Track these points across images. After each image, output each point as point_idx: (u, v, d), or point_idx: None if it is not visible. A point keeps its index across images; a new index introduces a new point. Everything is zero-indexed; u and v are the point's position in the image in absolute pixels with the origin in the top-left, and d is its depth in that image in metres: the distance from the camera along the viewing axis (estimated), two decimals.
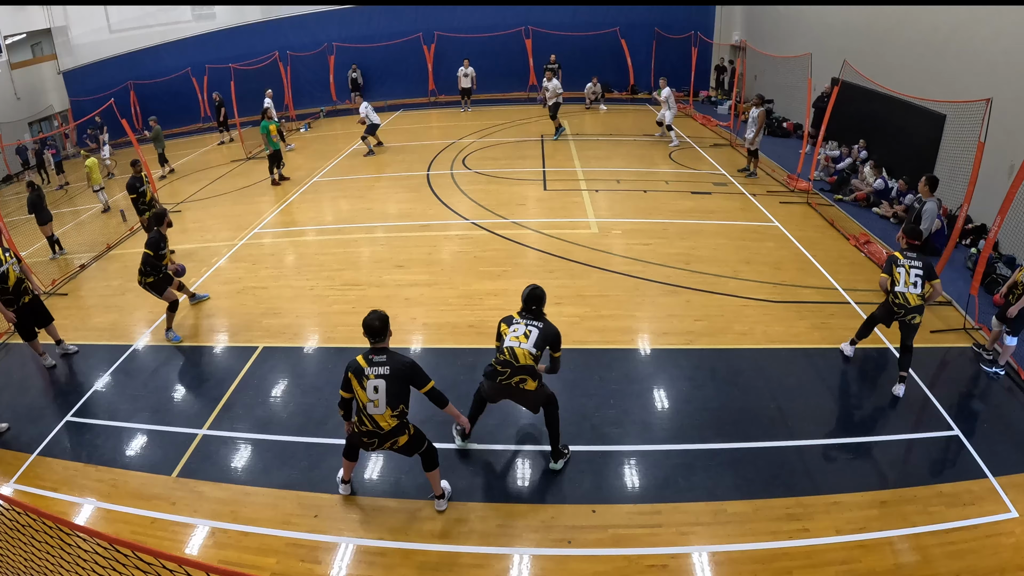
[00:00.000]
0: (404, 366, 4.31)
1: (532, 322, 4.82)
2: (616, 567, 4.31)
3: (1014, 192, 6.49)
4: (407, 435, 4.48)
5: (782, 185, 12.04)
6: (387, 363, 4.28)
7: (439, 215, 10.93)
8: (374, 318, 4.34)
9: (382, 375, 4.25)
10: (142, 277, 7.45)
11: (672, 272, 8.42)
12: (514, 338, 4.76)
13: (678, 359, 6.61)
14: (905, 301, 5.75)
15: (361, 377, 4.28)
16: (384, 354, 4.34)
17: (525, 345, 4.72)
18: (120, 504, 5.06)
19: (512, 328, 4.81)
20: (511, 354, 4.72)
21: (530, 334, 4.75)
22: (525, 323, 4.80)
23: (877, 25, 12.05)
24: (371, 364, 4.28)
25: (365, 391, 4.27)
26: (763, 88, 16.70)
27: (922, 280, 5.75)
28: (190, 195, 13.61)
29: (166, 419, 6.11)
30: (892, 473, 5.05)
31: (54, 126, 21.54)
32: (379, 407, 4.28)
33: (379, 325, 4.33)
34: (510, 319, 4.90)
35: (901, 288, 5.78)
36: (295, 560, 4.47)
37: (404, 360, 4.35)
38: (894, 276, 5.83)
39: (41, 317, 7.19)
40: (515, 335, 4.76)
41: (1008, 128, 7.88)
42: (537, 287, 4.89)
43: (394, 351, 4.43)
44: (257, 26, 21.80)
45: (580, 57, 20.57)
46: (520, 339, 4.74)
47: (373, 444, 4.47)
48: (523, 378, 4.76)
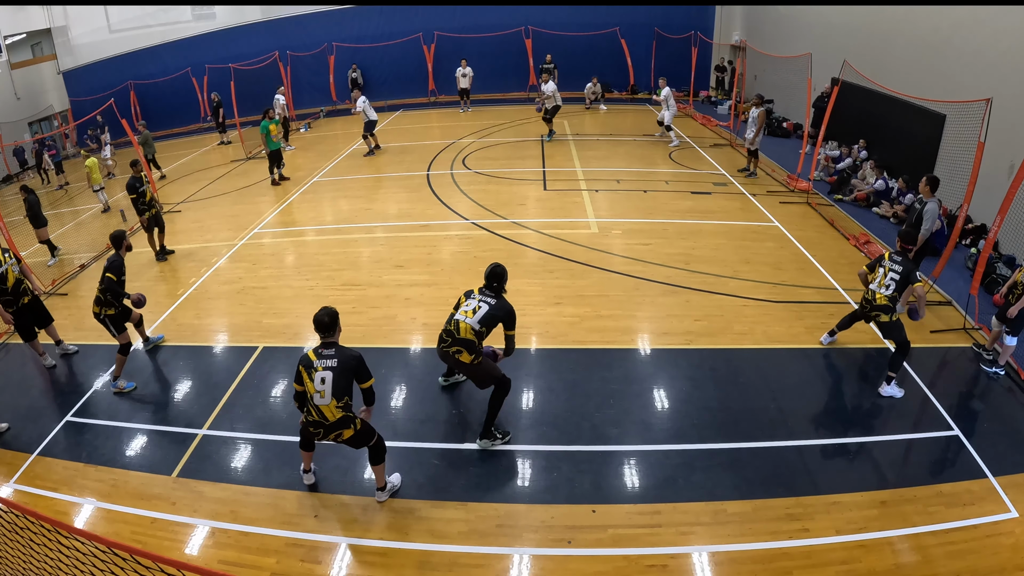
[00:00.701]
0: (351, 359, 4.53)
1: (486, 298, 5.12)
2: (616, 567, 4.31)
3: (1014, 192, 6.49)
4: (353, 429, 4.63)
5: (782, 185, 12.04)
6: (335, 356, 4.53)
7: (439, 215, 10.93)
8: (324, 314, 4.58)
9: (329, 367, 4.48)
10: (101, 308, 6.46)
11: (672, 272, 8.42)
12: (463, 312, 5.12)
13: (678, 359, 6.60)
14: (872, 298, 5.94)
15: (310, 369, 4.51)
16: (333, 348, 4.58)
17: (470, 320, 5.06)
18: (120, 504, 5.06)
19: (467, 301, 5.16)
20: (455, 325, 5.08)
21: (479, 310, 5.07)
22: (479, 298, 5.13)
23: (877, 25, 12.05)
24: (320, 357, 4.53)
25: (313, 382, 4.50)
26: (763, 88, 16.70)
27: (896, 283, 5.82)
28: (190, 195, 13.61)
29: (166, 419, 6.11)
30: (892, 473, 5.05)
31: (54, 126, 21.54)
32: (325, 398, 4.49)
33: (328, 321, 4.58)
34: (470, 292, 5.26)
35: (874, 286, 5.96)
36: (295, 560, 4.47)
37: (352, 354, 4.56)
38: (874, 273, 6.04)
39: (41, 317, 7.19)
40: (466, 309, 5.10)
41: (1008, 128, 7.87)
42: (499, 265, 5.22)
43: (342, 346, 4.63)
44: (257, 26, 21.80)
45: (580, 57, 20.57)
46: (467, 314, 5.09)
47: (319, 434, 4.67)
48: (459, 349, 5.08)
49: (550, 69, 19.50)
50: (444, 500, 4.92)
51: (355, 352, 4.58)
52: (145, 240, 10.10)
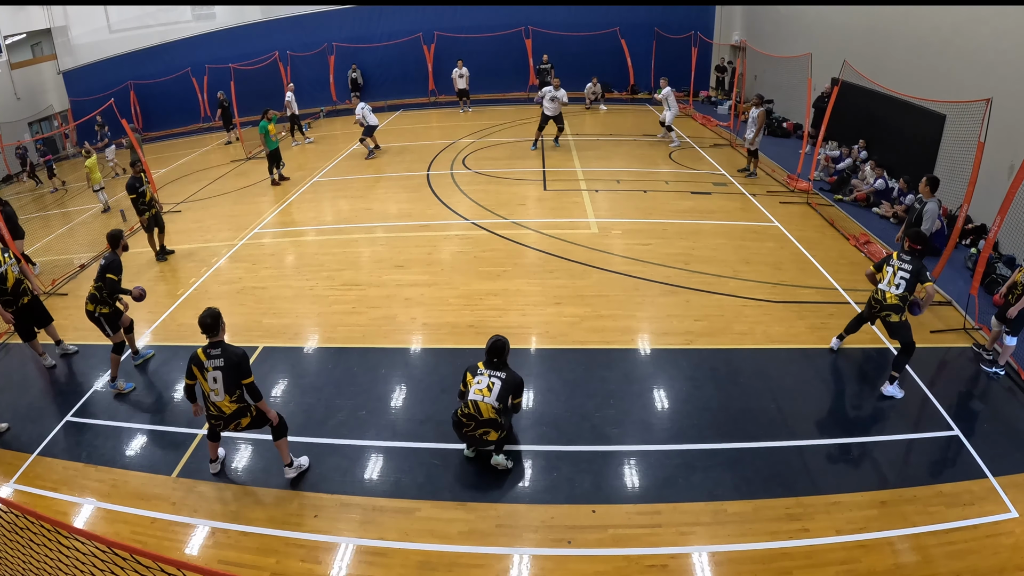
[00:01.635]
0: (235, 356, 4.74)
1: (495, 373, 4.99)
2: (616, 567, 4.31)
3: (1014, 192, 6.49)
4: (249, 417, 4.92)
5: (782, 185, 12.03)
6: (221, 356, 4.74)
7: (439, 215, 10.94)
8: (206, 315, 4.77)
9: (218, 367, 4.72)
10: (96, 306, 6.41)
11: (672, 272, 8.42)
12: (477, 391, 4.95)
13: (678, 359, 6.61)
14: (882, 297, 5.89)
15: (202, 369, 4.75)
16: (219, 347, 4.77)
17: (488, 399, 4.91)
18: (120, 504, 5.06)
19: (476, 380, 4.98)
20: (475, 408, 4.93)
21: (493, 386, 4.94)
22: (489, 374, 4.98)
23: (877, 25, 12.04)
24: (209, 357, 4.74)
25: (207, 381, 4.76)
26: (763, 88, 16.69)
27: (907, 282, 5.79)
28: (190, 195, 13.61)
29: (166, 419, 6.11)
30: (892, 473, 5.05)
31: (54, 126, 21.54)
32: (219, 395, 4.78)
33: (210, 322, 4.76)
34: (475, 368, 5.06)
35: (883, 286, 5.92)
36: (295, 560, 4.47)
37: (236, 352, 4.76)
38: (881, 273, 5.98)
39: (41, 317, 7.19)
40: (479, 388, 4.94)
41: (1008, 128, 7.87)
42: (500, 338, 5.06)
43: (228, 344, 4.83)
44: (257, 26, 21.79)
45: (580, 57, 20.57)
46: (483, 392, 4.93)
47: (220, 426, 4.98)
48: (486, 430, 4.96)
49: (547, 69, 19.48)
50: (444, 500, 4.92)
51: (239, 350, 4.78)
52: (145, 240, 10.10)
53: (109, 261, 6.43)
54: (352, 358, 6.91)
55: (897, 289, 5.81)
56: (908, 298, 5.83)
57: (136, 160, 10.15)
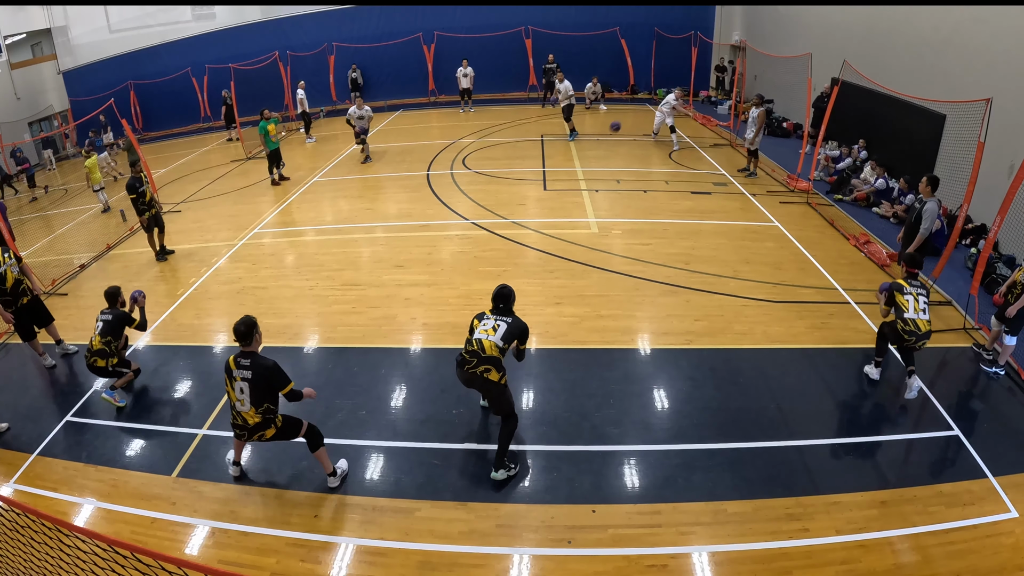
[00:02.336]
0: (266, 369, 4.63)
1: (501, 318, 5.14)
2: (616, 567, 4.31)
3: (1014, 192, 6.49)
4: (274, 428, 4.82)
5: (782, 185, 12.04)
6: (251, 367, 4.63)
7: (439, 215, 10.94)
8: (240, 324, 4.67)
9: (246, 377, 4.62)
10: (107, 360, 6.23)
11: (672, 272, 8.42)
12: (483, 331, 5.08)
13: (678, 359, 6.61)
14: (916, 328, 5.67)
15: (231, 378, 4.69)
16: (249, 358, 4.67)
17: (493, 338, 5.03)
18: (120, 504, 5.06)
19: (483, 323, 5.14)
20: (479, 345, 5.03)
21: (498, 328, 5.07)
22: (495, 318, 5.13)
23: (877, 25, 12.05)
24: (238, 367, 4.65)
25: (234, 391, 4.69)
26: (763, 88, 16.69)
27: (929, 306, 5.74)
28: (190, 195, 13.61)
29: (166, 419, 6.11)
30: (892, 473, 5.05)
31: (54, 126, 21.54)
32: (245, 405, 4.69)
33: (244, 330, 4.66)
34: (482, 315, 5.22)
35: (911, 315, 5.66)
36: (295, 560, 4.47)
37: (266, 364, 4.66)
38: (901, 304, 5.69)
39: (41, 317, 7.19)
40: (484, 328, 5.09)
41: (1008, 128, 7.87)
42: (505, 286, 5.23)
43: (259, 355, 4.72)
44: (257, 26, 21.79)
45: (580, 57, 20.56)
46: (489, 332, 5.06)
47: (243, 436, 4.90)
48: (488, 367, 5.00)
49: (553, 69, 19.49)
50: (444, 500, 4.92)
51: (269, 362, 4.67)
52: (145, 240, 10.10)
53: (116, 317, 6.31)
54: (352, 358, 6.91)
55: (925, 315, 5.73)
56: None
57: (136, 160, 10.16)
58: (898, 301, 5.74)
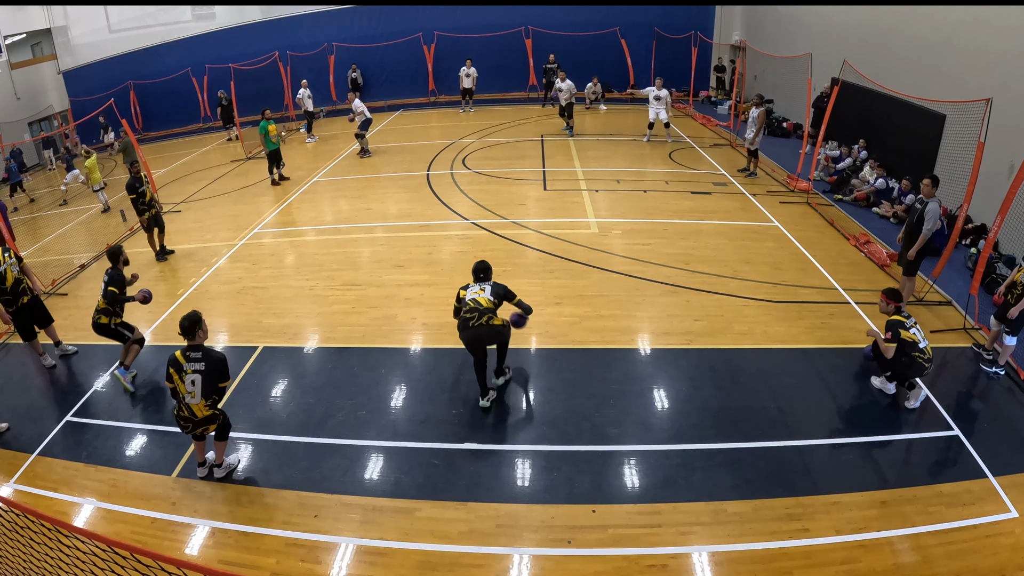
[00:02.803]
0: (219, 362, 4.84)
1: (484, 284, 5.91)
2: (616, 567, 4.31)
3: (1014, 192, 6.49)
4: (217, 424, 5.04)
5: (782, 185, 12.04)
6: (203, 359, 4.81)
7: (439, 215, 10.93)
8: (185, 319, 4.83)
9: (198, 370, 4.78)
10: (111, 318, 6.54)
11: (672, 272, 8.42)
12: (474, 293, 5.83)
13: (678, 359, 6.61)
14: (931, 353, 5.72)
15: (180, 372, 4.80)
16: (200, 351, 4.84)
17: (484, 295, 5.80)
18: (120, 504, 5.07)
19: (469, 290, 5.89)
20: (475, 303, 5.73)
21: (485, 289, 5.84)
22: (479, 286, 5.89)
23: (877, 25, 12.04)
24: (189, 360, 4.81)
25: (184, 383, 4.81)
26: (763, 88, 16.69)
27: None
28: (190, 195, 13.61)
29: (166, 419, 6.11)
30: (892, 473, 5.05)
31: (54, 126, 21.54)
32: (196, 398, 4.83)
33: (188, 325, 4.82)
34: (466, 286, 5.95)
35: (924, 343, 5.68)
36: (295, 560, 4.47)
37: (219, 356, 4.87)
38: (909, 338, 5.62)
39: (41, 317, 7.19)
40: (474, 292, 5.85)
41: (1008, 128, 7.87)
42: (482, 261, 6.00)
43: (209, 348, 4.90)
44: (257, 26, 21.78)
45: (580, 57, 20.54)
46: (478, 292, 5.83)
47: (188, 428, 5.02)
48: (490, 315, 5.72)
49: (554, 69, 19.49)
50: (444, 500, 4.92)
51: (220, 355, 4.88)
52: (145, 240, 10.10)
53: (111, 275, 6.58)
54: (352, 358, 6.91)
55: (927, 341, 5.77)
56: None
57: (135, 160, 10.16)
58: (905, 338, 5.64)
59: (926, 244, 7.10)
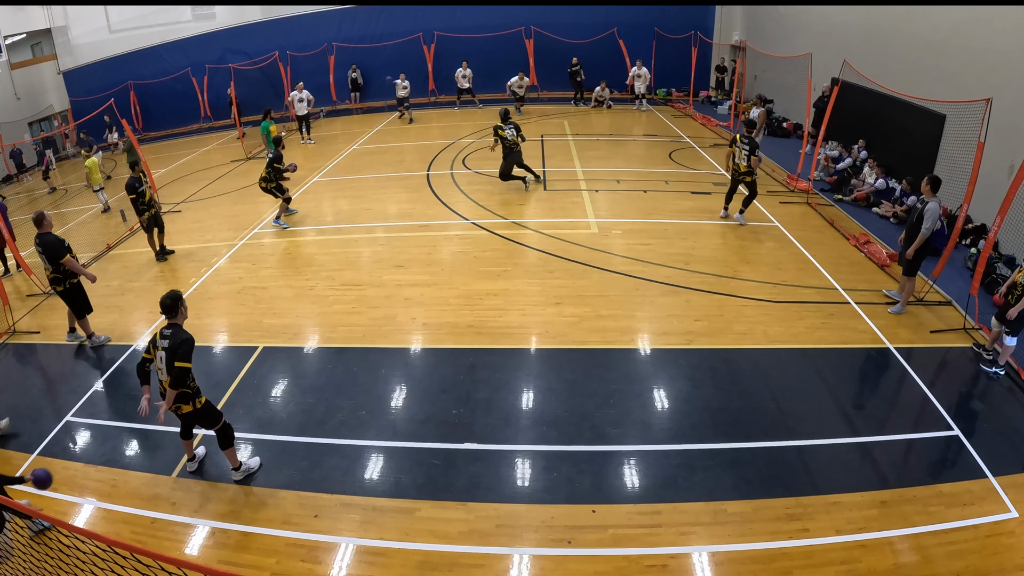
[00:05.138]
0: (181, 342, 4.86)
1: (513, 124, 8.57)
2: (616, 567, 4.31)
3: (1014, 192, 6.49)
4: (192, 406, 4.97)
5: (782, 185, 12.03)
6: (170, 337, 4.88)
7: (439, 215, 10.93)
8: (166, 297, 4.99)
9: (165, 347, 4.88)
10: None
11: (672, 272, 8.42)
12: (510, 131, 8.24)
13: (678, 359, 6.61)
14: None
15: (154, 347, 4.97)
16: (172, 329, 4.93)
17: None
18: (120, 504, 5.07)
19: (507, 129, 7.81)
20: (513, 138, 7.63)
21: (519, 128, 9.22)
22: (513, 125, 7.91)
23: (877, 25, 12.04)
24: (162, 336, 4.94)
25: (156, 359, 4.96)
26: (763, 88, 16.69)
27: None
28: (190, 195, 13.61)
29: (166, 419, 6.09)
30: (892, 473, 5.05)
31: (54, 126, 21.53)
32: (163, 374, 4.93)
33: (169, 303, 4.96)
34: (499, 127, 8.20)
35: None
36: (295, 560, 4.47)
37: (183, 336, 4.89)
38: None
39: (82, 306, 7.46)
40: (510, 130, 7.77)
41: (1008, 128, 7.87)
42: (504, 108, 8.00)
43: (181, 328, 4.94)
44: (257, 26, 21.76)
45: (580, 57, 20.53)
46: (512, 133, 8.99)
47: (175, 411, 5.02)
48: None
49: (577, 71, 19.65)
50: (444, 500, 4.92)
51: (186, 336, 4.88)
52: (145, 240, 10.10)
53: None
54: (352, 358, 6.91)
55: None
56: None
57: (136, 160, 10.15)
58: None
59: (926, 244, 7.10)
